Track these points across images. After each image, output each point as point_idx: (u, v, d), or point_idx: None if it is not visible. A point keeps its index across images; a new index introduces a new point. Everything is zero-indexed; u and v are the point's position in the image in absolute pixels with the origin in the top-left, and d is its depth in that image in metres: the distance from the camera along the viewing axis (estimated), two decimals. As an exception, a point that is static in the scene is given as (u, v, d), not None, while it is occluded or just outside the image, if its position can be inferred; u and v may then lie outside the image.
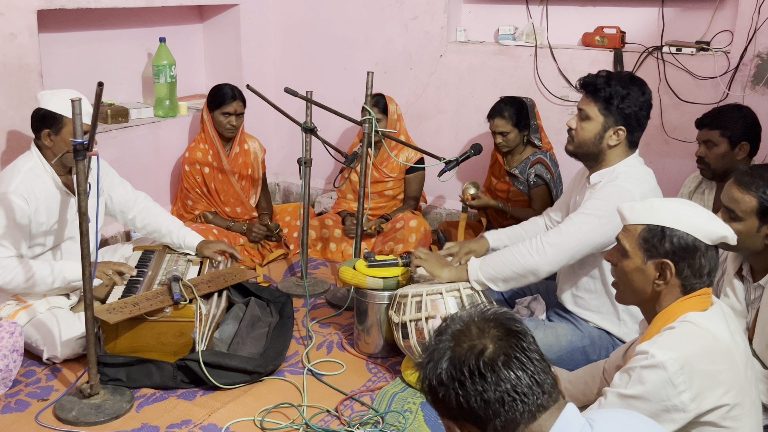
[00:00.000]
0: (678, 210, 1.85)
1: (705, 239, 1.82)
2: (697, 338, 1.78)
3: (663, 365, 1.73)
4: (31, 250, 2.95)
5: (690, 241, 1.82)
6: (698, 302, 1.85)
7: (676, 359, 1.73)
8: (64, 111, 2.82)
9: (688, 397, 1.73)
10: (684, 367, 1.73)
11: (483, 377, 1.30)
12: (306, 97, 3.47)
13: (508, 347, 1.32)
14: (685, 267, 1.83)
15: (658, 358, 1.74)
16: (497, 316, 1.38)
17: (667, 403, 1.74)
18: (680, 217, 1.83)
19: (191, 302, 2.81)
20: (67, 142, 2.84)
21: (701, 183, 3.26)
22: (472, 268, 2.72)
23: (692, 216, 1.84)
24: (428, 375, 1.36)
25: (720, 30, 3.74)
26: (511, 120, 3.80)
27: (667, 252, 1.83)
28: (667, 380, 1.73)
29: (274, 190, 5.05)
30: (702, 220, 1.83)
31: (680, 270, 1.83)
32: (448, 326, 1.39)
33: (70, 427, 2.54)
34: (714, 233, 1.82)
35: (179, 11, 4.54)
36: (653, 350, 1.75)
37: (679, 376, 1.72)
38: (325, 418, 2.65)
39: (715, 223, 1.84)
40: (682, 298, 1.85)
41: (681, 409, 1.74)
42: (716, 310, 1.86)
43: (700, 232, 1.82)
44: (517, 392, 1.30)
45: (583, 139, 2.65)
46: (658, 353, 1.74)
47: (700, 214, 1.85)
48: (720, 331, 1.80)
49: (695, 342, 1.78)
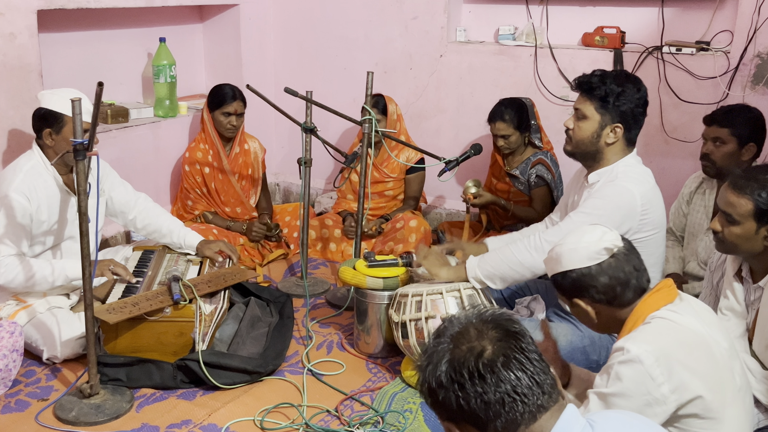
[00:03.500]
0: (558, 253, 2.01)
1: (588, 262, 1.94)
2: (671, 330, 1.84)
3: (639, 359, 1.77)
4: (32, 249, 2.95)
5: (575, 275, 1.96)
6: (663, 296, 1.93)
7: (651, 351, 1.77)
8: (65, 110, 2.82)
9: (668, 389, 1.77)
10: (659, 359, 1.77)
11: (483, 378, 1.30)
12: (306, 97, 3.47)
13: (507, 348, 1.32)
14: (592, 294, 1.96)
15: (633, 352, 1.78)
16: (496, 317, 1.38)
17: (647, 397, 1.78)
18: (560, 259, 1.99)
19: (191, 302, 2.81)
20: (68, 141, 2.84)
21: (702, 183, 3.26)
22: (471, 266, 2.73)
23: (568, 251, 1.98)
24: (427, 377, 1.36)
25: (720, 30, 3.74)
26: (512, 123, 3.80)
27: (570, 293, 2.01)
28: (645, 373, 1.77)
29: (274, 190, 5.05)
30: (576, 248, 1.97)
31: (590, 298, 1.97)
32: (447, 328, 1.39)
33: (70, 427, 2.54)
34: (592, 252, 1.95)
35: (179, 11, 4.54)
36: (628, 345, 1.80)
37: (656, 368, 1.76)
38: (325, 418, 2.65)
39: (591, 243, 1.96)
40: (645, 297, 1.94)
41: (662, 401, 1.78)
42: (685, 306, 1.92)
43: (580, 260, 1.95)
44: (517, 393, 1.30)
45: (581, 138, 2.66)
46: (633, 347, 1.79)
47: (574, 244, 1.98)
48: (693, 324, 1.86)
49: (669, 334, 1.83)
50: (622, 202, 2.57)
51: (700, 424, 1.81)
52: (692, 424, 1.82)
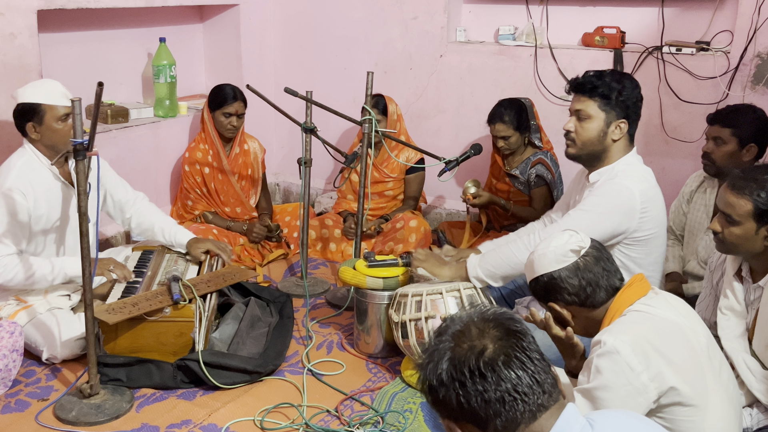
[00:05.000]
0: (531, 260, 2.05)
1: (556, 266, 1.98)
2: (646, 320, 1.88)
3: (615, 349, 1.80)
4: (34, 243, 2.93)
5: (545, 279, 2.01)
6: (636, 290, 1.97)
7: (627, 341, 1.80)
8: (41, 99, 2.83)
9: (647, 377, 1.80)
10: (636, 348, 1.79)
11: (483, 377, 1.30)
12: (306, 97, 3.47)
13: (509, 347, 1.32)
14: (564, 296, 2.00)
15: (609, 344, 1.81)
16: (497, 316, 1.38)
17: (629, 387, 1.80)
18: (532, 266, 2.04)
19: (191, 302, 2.81)
20: (52, 129, 2.85)
21: (703, 182, 3.26)
22: (471, 265, 2.74)
23: (538, 257, 2.02)
24: (428, 376, 1.36)
25: (720, 30, 3.73)
26: (512, 124, 3.80)
27: (544, 297, 2.05)
28: (623, 363, 1.79)
29: (274, 190, 5.05)
30: (544, 254, 2.01)
31: (564, 300, 2.01)
32: (448, 327, 1.39)
33: (70, 427, 2.54)
34: (558, 256, 1.98)
35: (179, 11, 4.54)
36: (604, 338, 1.83)
37: (633, 357, 1.79)
38: (325, 418, 2.65)
39: (558, 247, 1.99)
40: (618, 294, 1.98)
41: (642, 390, 1.80)
42: (659, 299, 1.95)
43: (548, 265, 1.99)
44: (517, 392, 1.30)
45: (588, 139, 2.65)
46: (609, 339, 1.82)
47: (542, 250, 2.02)
48: (669, 314, 1.90)
49: (645, 324, 1.87)
50: (621, 200, 2.57)
51: (685, 412, 1.84)
52: (677, 413, 1.85)
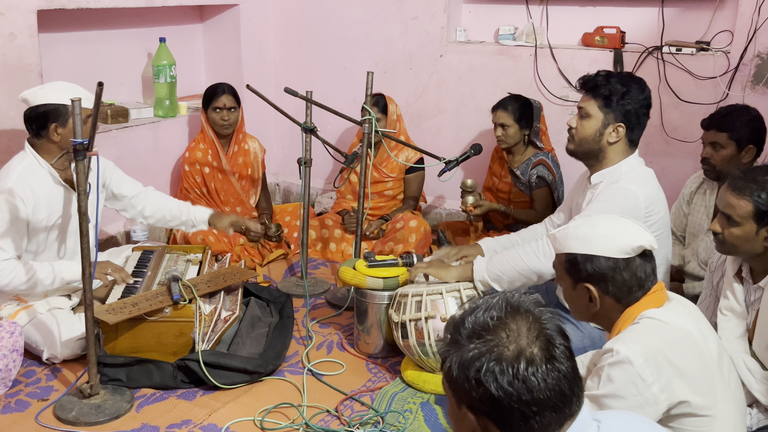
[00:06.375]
0: (588, 234, 1.92)
1: (620, 255, 1.89)
2: (659, 330, 1.84)
3: (628, 359, 1.77)
4: (35, 243, 2.92)
5: (602, 263, 1.89)
6: (653, 299, 1.92)
7: (640, 352, 1.77)
8: (67, 100, 2.80)
9: (658, 389, 1.78)
10: (648, 359, 1.77)
11: (526, 381, 1.24)
12: (306, 97, 3.47)
13: (549, 350, 1.28)
14: (608, 286, 1.91)
15: (622, 353, 1.78)
16: (539, 317, 1.32)
17: (639, 398, 1.78)
18: (590, 241, 1.91)
19: (191, 302, 2.81)
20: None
21: (703, 183, 3.25)
22: (478, 268, 2.72)
23: (602, 237, 1.91)
24: (464, 363, 1.28)
25: (720, 30, 3.74)
26: (513, 114, 3.80)
27: (585, 277, 1.92)
28: (635, 374, 1.77)
29: (274, 190, 5.05)
30: (612, 237, 1.90)
31: (604, 289, 1.92)
32: (487, 309, 1.32)
33: (70, 427, 2.54)
34: (627, 246, 1.89)
35: (179, 11, 4.54)
36: (617, 346, 1.80)
37: (645, 368, 1.77)
38: (325, 418, 2.65)
39: (628, 237, 1.90)
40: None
41: (653, 401, 1.78)
42: (675, 305, 1.92)
43: (612, 250, 1.89)
44: (551, 400, 1.26)
45: (584, 137, 2.67)
46: (622, 348, 1.79)
47: (611, 232, 1.92)
48: (682, 323, 1.87)
49: (657, 333, 1.83)
50: (626, 205, 2.56)
51: (696, 422, 1.82)
52: (687, 423, 1.83)
